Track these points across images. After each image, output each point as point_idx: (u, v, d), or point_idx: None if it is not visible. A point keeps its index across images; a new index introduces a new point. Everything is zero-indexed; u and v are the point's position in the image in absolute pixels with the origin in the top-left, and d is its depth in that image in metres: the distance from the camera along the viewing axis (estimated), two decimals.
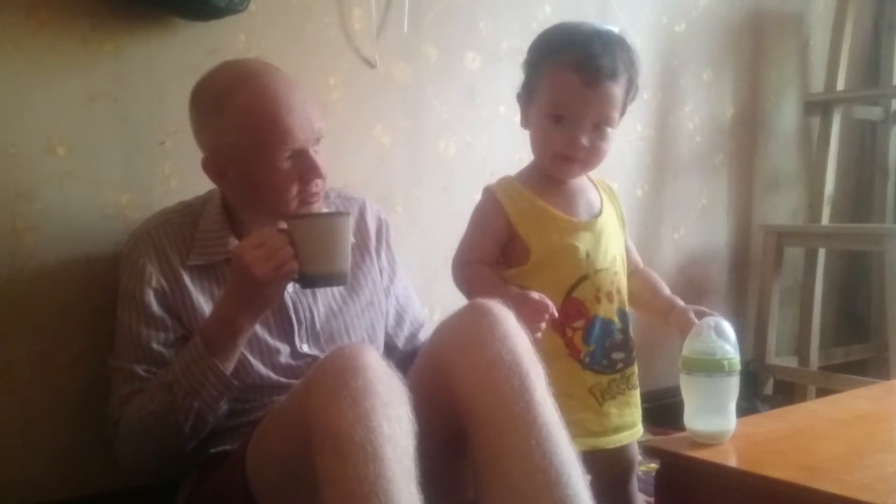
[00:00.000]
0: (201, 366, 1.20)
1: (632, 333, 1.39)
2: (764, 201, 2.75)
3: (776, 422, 1.31)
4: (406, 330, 1.54)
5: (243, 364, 1.26)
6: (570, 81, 1.29)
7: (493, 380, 1.07)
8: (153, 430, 1.24)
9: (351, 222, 1.22)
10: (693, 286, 2.55)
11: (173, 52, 1.54)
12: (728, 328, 1.21)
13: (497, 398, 1.06)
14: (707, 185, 2.58)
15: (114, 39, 1.49)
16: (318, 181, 1.30)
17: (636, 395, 1.40)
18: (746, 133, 2.67)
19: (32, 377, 1.43)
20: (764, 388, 2.56)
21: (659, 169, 2.44)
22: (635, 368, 1.39)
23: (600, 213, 1.39)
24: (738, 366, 1.18)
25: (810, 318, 2.64)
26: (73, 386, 1.47)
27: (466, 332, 1.12)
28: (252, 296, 1.18)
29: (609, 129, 1.32)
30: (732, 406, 1.19)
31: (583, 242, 1.34)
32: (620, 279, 1.38)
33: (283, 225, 1.21)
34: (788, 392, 2.62)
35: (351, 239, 1.22)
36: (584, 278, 1.33)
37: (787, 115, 2.79)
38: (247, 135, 1.25)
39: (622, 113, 1.34)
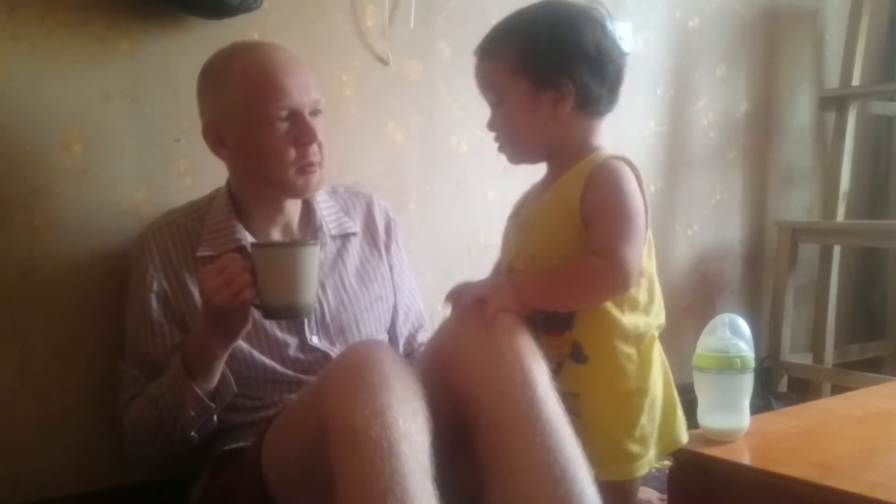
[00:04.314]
0: (181, 386, 1.24)
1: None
2: (778, 197, 2.73)
3: (790, 419, 1.31)
4: (407, 329, 1.54)
5: (226, 384, 1.27)
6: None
7: (497, 377, 1.06)
8: (148, 436, 1.30)
9: (318, 252, 1.17)
10: (706, 283, 2.54)
11: (188, 51, 1.55)
12: (743, 325, 1.20)
13: (500, 396, 1.06)
14: (721, 181, 2.57)
15: (129, 38, 1.50)
16: (315, 148, 1.32)
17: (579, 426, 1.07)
18: (761, 129, 2.65)
19: (49, 373, 1.45)
20: (778, 386, 2.55)
21: (672, 165, 2.43)
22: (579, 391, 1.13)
23: (529, 204, 1.24)
24: (751, 363, 1.17)
25: (825, 314, 2.62)
26: (90, 381, 1.48)
27: (468, 329, 1.12)
28: (216, 323, 1.18)
29: (503, 107, 1.20)
30: (746, 403, 1.19)
31: (504, 242, 1.26)
32: None
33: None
34: (803, 389, 2.61)
35: (317, 269, 1.16)
36: None
37: (801, 111, 2.77)
38: (245, 94, 1.29)
39: (532, 82, 1.16)
